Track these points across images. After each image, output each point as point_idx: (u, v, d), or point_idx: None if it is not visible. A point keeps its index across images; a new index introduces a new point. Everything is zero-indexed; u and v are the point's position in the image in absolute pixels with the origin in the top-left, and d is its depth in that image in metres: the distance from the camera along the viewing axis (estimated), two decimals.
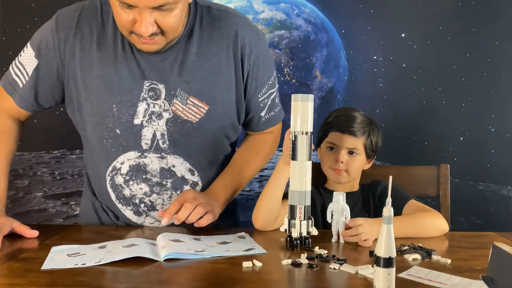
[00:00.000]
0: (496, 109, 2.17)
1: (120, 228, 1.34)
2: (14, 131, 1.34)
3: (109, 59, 1.19)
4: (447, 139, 2.19)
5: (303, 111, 1.09)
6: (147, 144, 1.26)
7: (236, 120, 1.32)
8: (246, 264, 0.98)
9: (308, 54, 2.23)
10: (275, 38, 2.23)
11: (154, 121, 1.23)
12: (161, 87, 1.20)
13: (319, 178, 1.49)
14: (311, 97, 1.10)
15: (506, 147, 2.16)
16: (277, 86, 1.39)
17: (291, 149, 1.11)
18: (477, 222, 2.18)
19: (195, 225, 1.17)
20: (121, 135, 1.24)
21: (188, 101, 1.21)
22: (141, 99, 1.20)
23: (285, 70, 2.24)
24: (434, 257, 1.07)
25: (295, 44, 2.23)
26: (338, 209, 1.21)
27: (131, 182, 1.28)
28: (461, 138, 2.19)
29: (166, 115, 1.22)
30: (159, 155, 1.26)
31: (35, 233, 1.17)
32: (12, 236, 1.23)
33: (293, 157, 1.11)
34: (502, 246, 0.79)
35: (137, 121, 1.23)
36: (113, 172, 1.28)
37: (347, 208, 1.22)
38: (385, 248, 0.80)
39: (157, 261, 1.00)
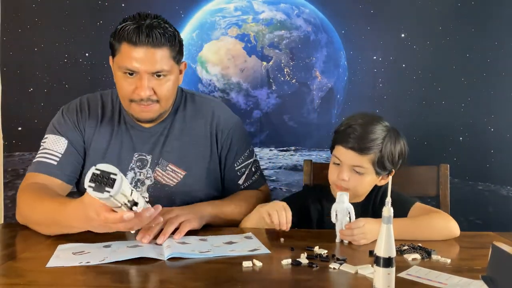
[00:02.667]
0: (495, 109, 2.17)
1: None
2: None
3: (107, 134, 1.38)
4: (447, 139, 2.19)
5: None
6: None
7: (214, 184, 1.45)
8: (246, 264, 0.98)
9: (308, 54, 2.23)
10: (275, 38, 2.23)
11: (139, 188, 1.38)
12: (148, 158, 1.38)
13: (320, 179, 1.48)
14: None
15: (505, 147, 2.16)
16: (254, 157, 1.52)
17: None
18: (477, 222, 2.18)
19: (175, 236, 1.16)
20: None
21: (167, 167, 1.38)
22: (129, 168, 1.37)
23: (285, 70, 2.24)
24: (434, 257, 1.07)
25: (295, 44, 2.23)
26: (343, 209, 1.21)
27: None
28: (461, 138, 2.19)
29: (148, 182, 1.38)
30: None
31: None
32: (12, 236, 1.23)
33: None
34: (501, 246, 0.79)
35: None
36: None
37: (352, 208, 1.21)
38: (385, 248, 0.80)
39: (158, 260, 1.00)
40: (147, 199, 1.08)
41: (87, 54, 2.21)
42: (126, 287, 0.89)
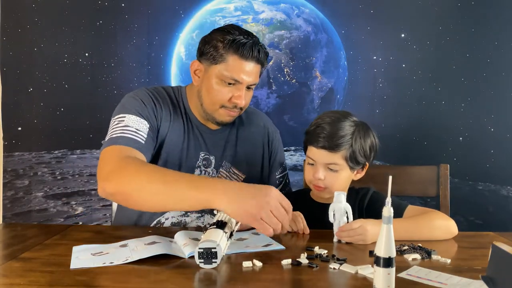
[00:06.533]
0: (495, 109, 2.17)
1: (119, 227, 1.34)
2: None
3: (180, 130, 1.44)
4: (446, 139, 2.19)
5: None
6: None
7: None
8: (246, 264, 0.98)
9: (308, 54, 2.23)
10: (275, 38, 2.23)
11: None
12: (211, 158, 1.46)
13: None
14: None
15: (505, 147, 2.17)
16: (287, 170, 1.64)
17: None
18: (477, 222, 2.18)
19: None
20: None
21: (230, 169, 1.49)
22: (196, 166, 1.44)
23: (285, 70, 2.24)
24: (434, 257, 1.07)
25: (295, 44, 2.23)
26: (340, 209, 1.21)
27: None
28: (461, 138, 2.19)
29: None
30: (199, 214, 1.44)
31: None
32: (12, 236, 1.23)
33: None
34: (502, 246, 0.79)
35: None
36: (158, 225, 1.42)
37: (349, 207, 1.21)
38: (385, 248, 0.80)
39: (180, 258, 1.02)
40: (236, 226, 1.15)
41: (87, 54, 2.21)
42: (126, 287, 0.89)
